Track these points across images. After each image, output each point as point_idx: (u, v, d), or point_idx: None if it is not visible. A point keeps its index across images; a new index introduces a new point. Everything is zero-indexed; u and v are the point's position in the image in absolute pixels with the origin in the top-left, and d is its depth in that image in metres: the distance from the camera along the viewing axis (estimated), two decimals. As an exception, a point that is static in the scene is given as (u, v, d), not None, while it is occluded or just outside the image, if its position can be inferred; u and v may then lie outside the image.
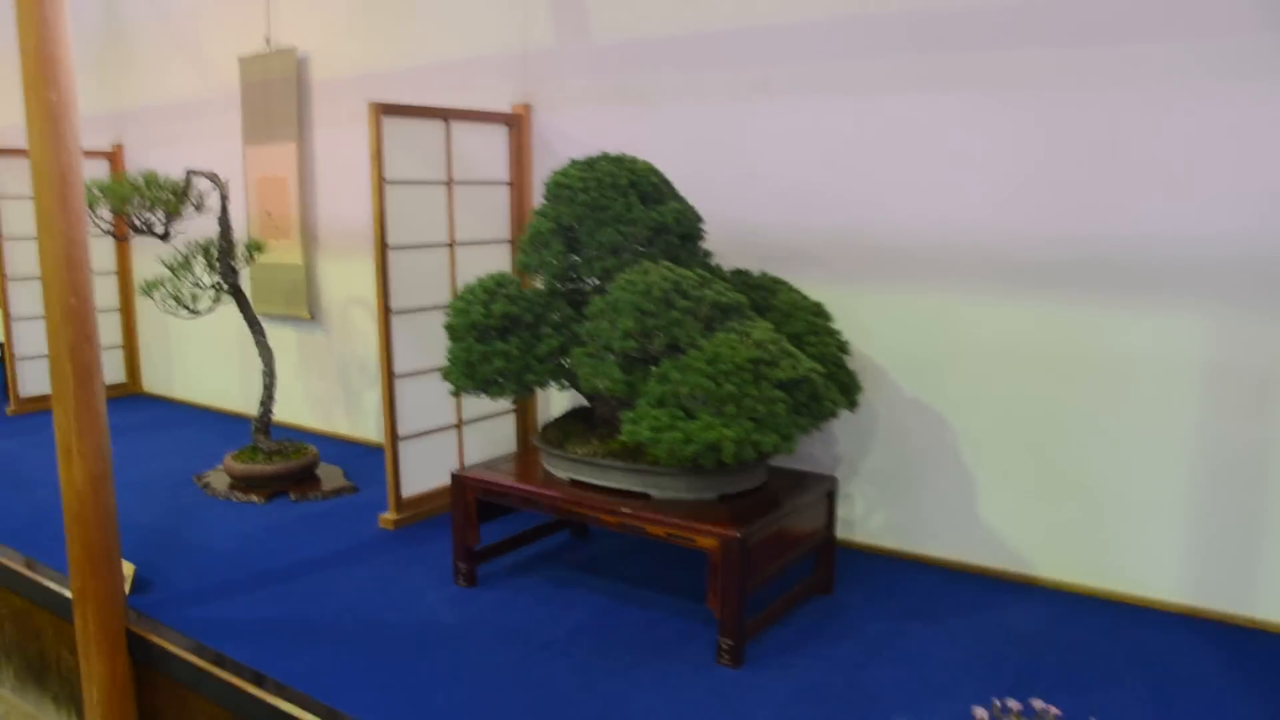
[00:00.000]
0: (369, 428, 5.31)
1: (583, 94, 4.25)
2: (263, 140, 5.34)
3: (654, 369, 2.88)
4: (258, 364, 4.48)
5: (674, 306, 2.85)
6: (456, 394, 3.17)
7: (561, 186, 3.06)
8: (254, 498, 4.36)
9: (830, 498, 3.40)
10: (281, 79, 5.18)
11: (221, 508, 4.30)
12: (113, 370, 6.61)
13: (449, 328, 3.14)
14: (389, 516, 4.02)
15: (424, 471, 4.12)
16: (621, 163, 3.12)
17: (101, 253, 6.38)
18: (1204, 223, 3.05)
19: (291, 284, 5.32)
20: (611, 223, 3.02)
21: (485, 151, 4.26)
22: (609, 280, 3.08)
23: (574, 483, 3.27)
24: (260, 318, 4.54)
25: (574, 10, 4.23)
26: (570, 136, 4.29)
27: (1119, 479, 3.29)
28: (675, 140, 3.99)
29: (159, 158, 6.04)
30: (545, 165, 4.31)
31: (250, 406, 5.79)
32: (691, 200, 3.46)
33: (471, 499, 3.40)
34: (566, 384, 3.26)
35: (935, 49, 3.42)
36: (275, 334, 5.24)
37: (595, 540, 3.91)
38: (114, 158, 6.44)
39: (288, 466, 4.45)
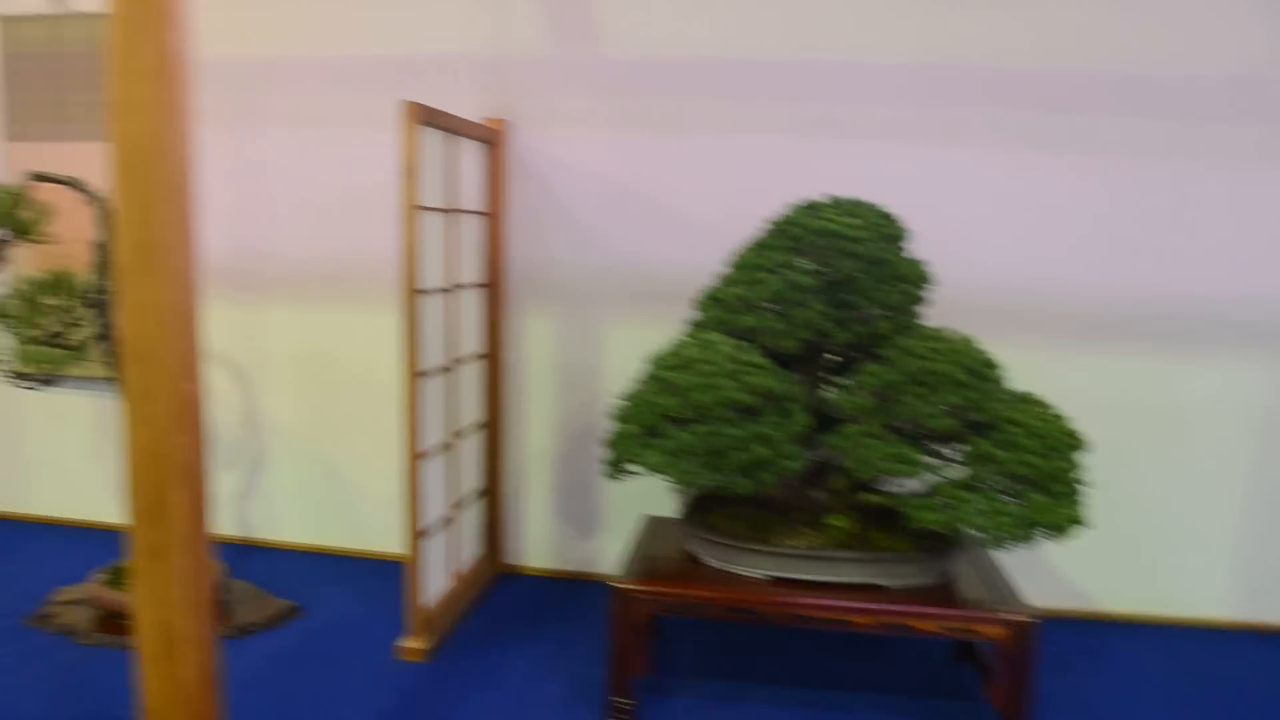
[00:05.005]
0: (227, 521, 4.20)
1: (583, 113, 3.76)
2: (44, 135, 4.03)
3: (968, 449, 2.62)
4: (40, 444, 3.35)
5: (985, 377, 2.62)
6: (685, 490, 2.62)
7: (830, 234, 2.66)
8: (170, 638, 3.24)
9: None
10: (89, 52, 3.95)
11: (115, 663, 3.12)
12: None
13: (695, 406, 2.58)
14: (414, 644, 3.22)
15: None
16: (864, 208, 2.80)
17: None
18: (1258, 282, 3.51)
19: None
20: (893, 280, 2.69)
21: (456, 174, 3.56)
22: (876, 346, 2.74)
23: (776, 580, 2.86)
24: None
25: (575, 16, 3.72)
26: (563, 163, 3.78)
27: (1179, 515, 3.65)
28: (706, 176, 3.70)
29: None
30: (526, 194, 3.80)
31: (41, 506, 4.50)
32: (729, 245, 3.19)
33: (643, 617, 2.83)
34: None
35: (1013, 106, 3.53)
36: (62, 402, 4.03)
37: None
38: None
39: (201, 588, 3.37)
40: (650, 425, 2.68)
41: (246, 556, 4.01)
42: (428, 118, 3.11)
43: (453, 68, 3.79)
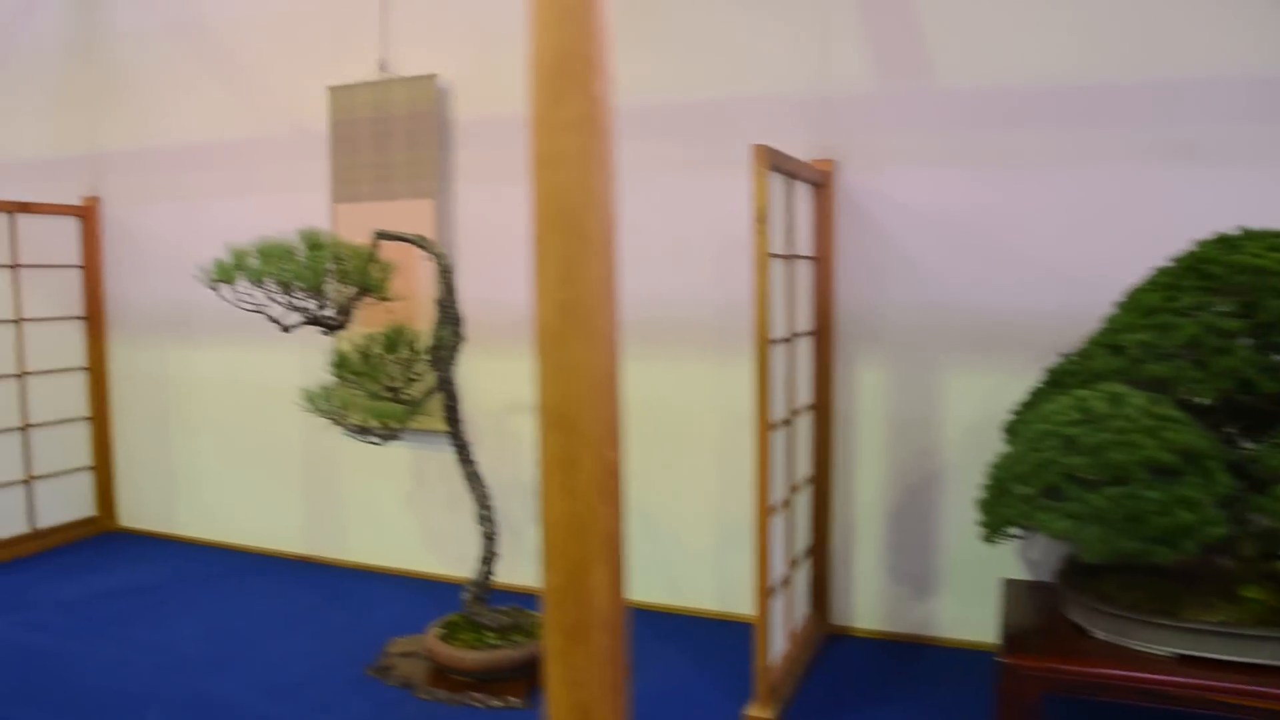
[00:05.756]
0: (530, 572, 4.18)
1: (914, 150, 3.56)
2: (370, 195, 4.15)
3: None
4: (321, 488, 3.45)
5: None
6: (1093, 560, 2.35)
7: (1258, 271, 2.37)
8: (514, 699, 3.21)
9: None
10: (409, 114, 4.06)
11: None
12: (78, 500, 5.05)
13: (1110, 467, 2.32)
14: (759, 713, 3.04)
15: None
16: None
17: (59, 340, 4.81)
18: None
19: (420, 387, 4.14)
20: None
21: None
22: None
23: (1182, 658, 2.54)
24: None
25: (904, 47, 3.52)
26: (894, 202, 3.59)
27: None
28: (1053, 212, 3.41)
29: (163, 215, 4.71)
30: (855, 236, 3.60)
31: (314, 546, 4.70)
32: (1081, 290, 3.06)
33: (1034, 696, 2.56)
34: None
35: None
36: (380, 453, 4.11)
37: None
38: (87, 214, 4.87)
39: (536, 649, 3.33)
40: (1050, 486, 2.44)
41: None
42: (775, 162, 2.99)
43: (776, 108, 3.69)
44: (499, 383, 4.13)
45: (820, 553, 3.72)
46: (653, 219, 3.86)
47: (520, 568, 4.18)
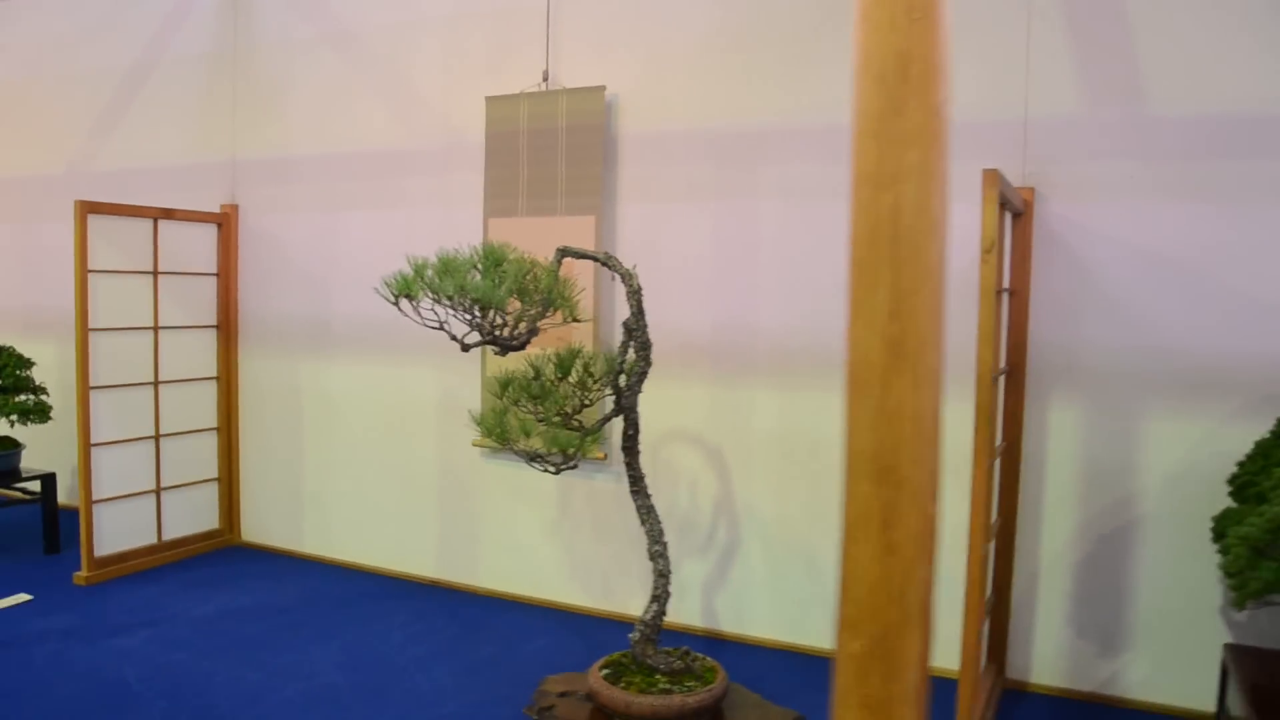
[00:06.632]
0: (691, 611, 3.99)
1: (1121, 181, 3.37)
2: (527, 210, 3.99)
3: None
4: (455, 511, 3.56)
5: None
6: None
7: None
8: (692, 748, 3.01)
9: None
10: (572, 127, 3.89)
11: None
12: (204, 513, 4.95)
13: None
14: (962, 775, 2.82)
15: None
16: None
17: (193, 348, 4.70)
18: None
19: (573, 412, 3.96)
20: None
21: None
22: None
23: None
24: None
25: (1114, 72, 3.32)
26: (1099, 234, 3.39)
27: None
28: (1277, 250, 3.13)
29: (300, 225, 4.61)
30: (1053, 269, 3.38)
31: (445, 571, 4.57)
32: None
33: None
34: None
35: None
36: (520, 478, 3.98)
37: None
38: (225, 221, 4.76)
39: (712, 694, 3.12)
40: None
41: (717, 652, 3.75)
42: (1004, 195, 2.79)
43: (970, 130, 3.47)
44: (657, 410, 3.94)
45: (1002, 603, 3.49)
46: (824, 245, 3.67)
47: (673, 605, 3.97)
